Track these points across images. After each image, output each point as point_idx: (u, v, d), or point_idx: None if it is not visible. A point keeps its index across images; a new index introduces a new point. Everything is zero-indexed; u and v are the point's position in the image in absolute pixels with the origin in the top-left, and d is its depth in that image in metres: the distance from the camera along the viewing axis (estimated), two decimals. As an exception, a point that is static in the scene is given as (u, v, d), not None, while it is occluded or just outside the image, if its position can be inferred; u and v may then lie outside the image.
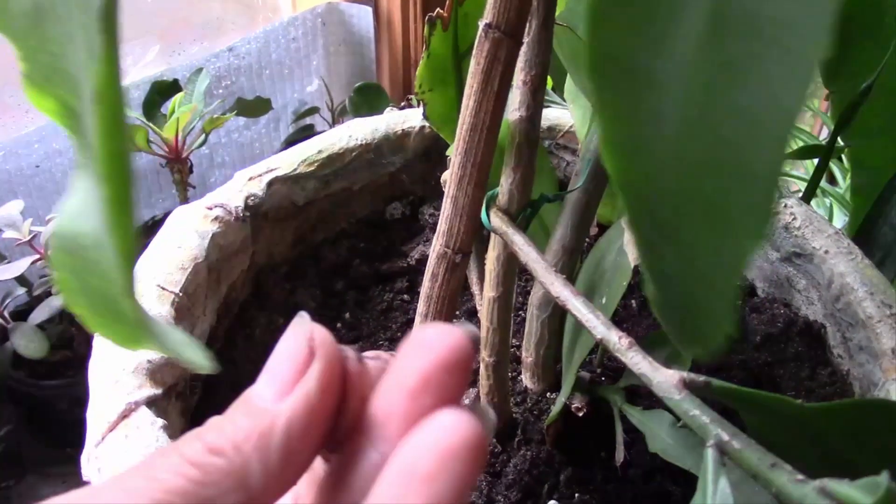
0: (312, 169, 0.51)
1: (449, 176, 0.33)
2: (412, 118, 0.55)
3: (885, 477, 0.19)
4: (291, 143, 0.79)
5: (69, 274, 0.15)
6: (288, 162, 0.50)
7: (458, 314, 0.49)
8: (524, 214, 0.36)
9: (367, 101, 1.09)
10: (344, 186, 0.53)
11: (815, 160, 0.85)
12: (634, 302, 0.52)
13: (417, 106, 0.72)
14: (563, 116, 0.57)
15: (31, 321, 0.78)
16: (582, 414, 0.39)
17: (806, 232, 0.48)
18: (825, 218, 0.49)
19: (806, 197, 0.57)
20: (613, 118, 0.15)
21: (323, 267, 0.53)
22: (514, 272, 0.37)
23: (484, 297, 0.38)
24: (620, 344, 0.27)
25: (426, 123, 0.55)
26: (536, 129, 0.35)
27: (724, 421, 0.24)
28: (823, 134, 1.14)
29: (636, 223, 0.16)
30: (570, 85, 0.45)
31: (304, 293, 0.50)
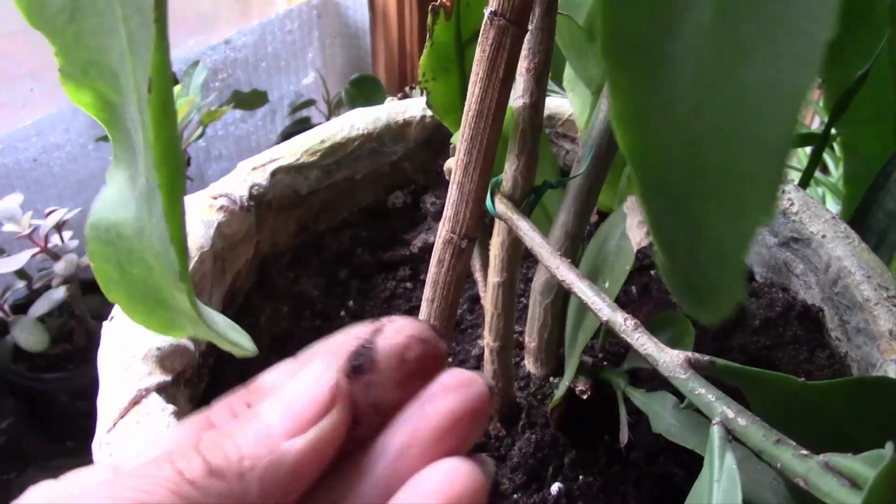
0: (315, 159, 0.51)
1: (454, 163, 0.33)
2: (413, 108, 0.56)
3: (889, 449, 0.19)
4: (288, 135, 0.79)
5: (107, 264, 0.16)
6: (291, 152, 0.51)
7: (460, 302, 0.49)
8: (528, 200, 0.36)
9: (362, 92, 1.09)
10: (346, 176, 0.54)
11: (807, 149, 0.86)
12: (634, 288, 0.52)
13: (415, 95, 0.73)
14: (562, 105, 0.57)
15: (30, 314, 0.78)
16: (586, 397, 0.39)
17: (803, 217, 0.48)
18: (822, 203, 0.50)
19: (801, 185, 0.57)
20: (626, 95, 0.16)
21: (326, 256, 0.53)
22: (518, 258, 0.38)
23: (489, 282, 0.39)
24: (626, 325, 0.28)
25: (427, 113, 0.56)
26: (540, 115, 0.35)
27: (729, 399, 0.25)
28: (815, 123, 1.14)
29: (647, 195, 0.16)
30: (569, 73, 0.45)
31: (307, 282, 0.50)
